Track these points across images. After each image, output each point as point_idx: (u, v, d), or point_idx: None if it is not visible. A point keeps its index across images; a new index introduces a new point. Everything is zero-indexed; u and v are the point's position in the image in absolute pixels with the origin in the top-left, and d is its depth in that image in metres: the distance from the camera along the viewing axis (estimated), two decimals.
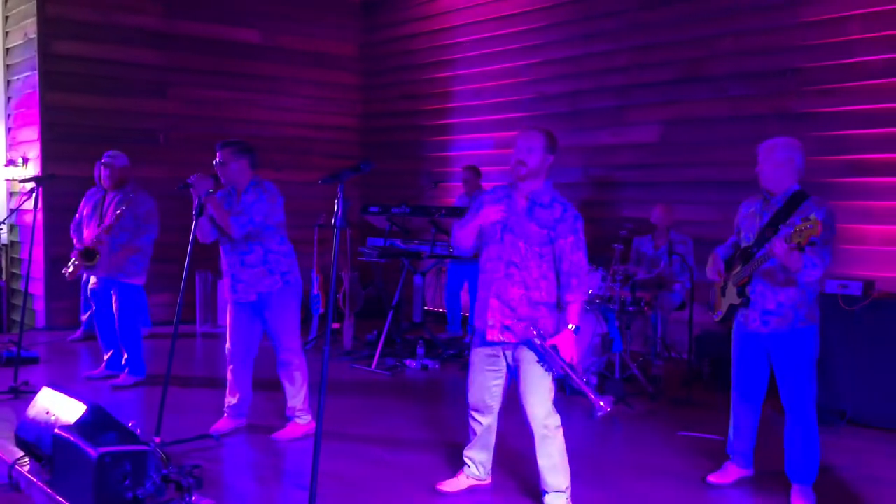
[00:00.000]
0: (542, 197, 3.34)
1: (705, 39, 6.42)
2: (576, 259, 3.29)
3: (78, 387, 5.40)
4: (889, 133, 5.45)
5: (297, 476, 3.89)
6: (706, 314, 5.97)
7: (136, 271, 5.51)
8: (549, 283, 3.33)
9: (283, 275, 4.38)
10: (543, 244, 3.29)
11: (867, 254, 5.48)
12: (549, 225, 3.29)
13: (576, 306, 3.30)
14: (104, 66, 7.82)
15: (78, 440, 3.20)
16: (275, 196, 4.34)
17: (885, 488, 3.83)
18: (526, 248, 3.29)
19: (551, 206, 3.33)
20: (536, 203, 3.33)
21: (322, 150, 9.15)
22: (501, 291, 3.32)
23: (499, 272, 3.33)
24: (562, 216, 3.30)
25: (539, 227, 3.29)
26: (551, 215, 3.30)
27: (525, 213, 3.32)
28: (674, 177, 6.66)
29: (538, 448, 3.39)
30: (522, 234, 3.30)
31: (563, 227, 3.29)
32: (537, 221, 3.30)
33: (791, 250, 3.20)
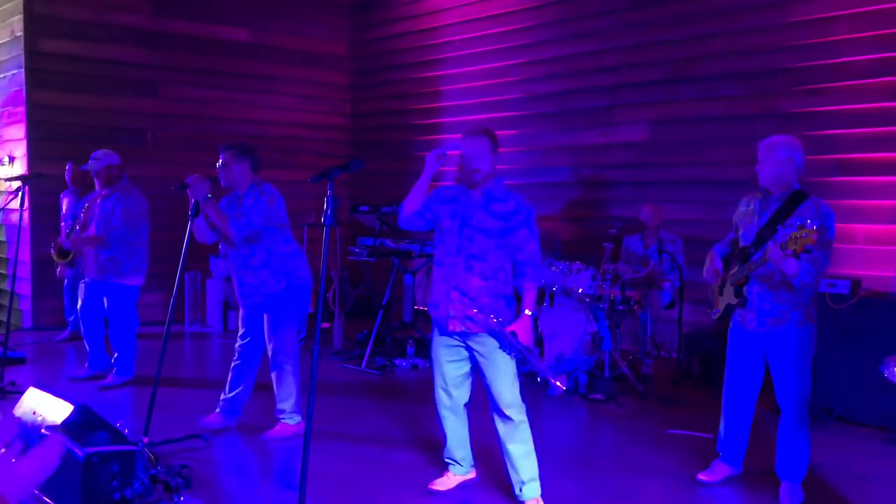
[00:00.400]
0: (495, 191, 3.46)
1: (694, 39, 6.45)
2: (530, 249, 3.41)
3: (65, 387, 5.37)
4: (876, 132, 5.49)
5: (287, 476, 3.88)
6: (695, 313, 6.02)
7: (129, 271, 5.44)
8: (507, 273, 3.44)
9: (287, 276, 4.37)
10: (500, 236, 3.39)
11: (855, 252, 5.51)
12: (505, 217, 3.39)
13: (532, 293, 3.42)
14: (92, 64, 7.77)
15: (65, 440, 3.17)
16: (274, 198, 4.33)
17: (872, 485, 3.86)
18: (484, 240, 3.39)
19: (505, 199, 3.44)
20: (491, 197, 3.44)
21: (312, 150, 9.13)
22: (462, 283, 3.41)
23: (458, 265, 3.43)
24: (516, 209, 3.41)
25: (495, 220, 3.40)
26: (506, 208, 3.41)
27: (481, 208, 3.42)
28: (663, 176, 6.68)
29: (508, 437, 3.46)
30: (480, 227, 3.40)
31: (518, 219, 3.40)
32: (493, 214, 3.40)
33: (786, 257, 3.22)
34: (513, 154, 7.76)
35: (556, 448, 4.50)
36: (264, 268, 4.32)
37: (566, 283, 5.69)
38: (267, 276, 4.33)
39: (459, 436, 3.67)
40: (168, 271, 5.74)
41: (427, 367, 6.23)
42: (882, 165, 5.47)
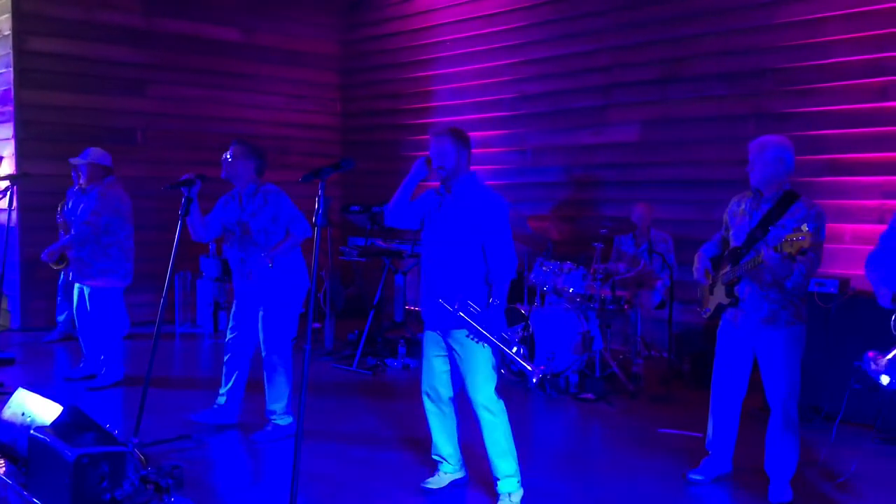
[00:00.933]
0: (467, 188, 3.53)
1: (685, 40, 6.47)
2: (500, 242, 3.46)
3: (54, 388, 5.33)
4: (865, 133, 5.52)
5: (279, 476, 3.87)
6: (686, 312, 6.04)
7: (98, 272, 5.36)
8: (478, 267, 3.50)
9: (286, 274, 4.39)
10: (472, 232, 3.46)
11: (843, 252, 5.54)
12: (475, 212, 3.46)
13: (500, 286, 3.47)
14: (81, 63, 7.72)
15: (54, 441, 3.15)
16: (279, 193, 4.46)
17: (860, 483, 3.88)
18: (457, 236, 3.47)
19: (476, 195, 3.51)
20: (462, 194, 3.52)
21: (302, 149, 9.10)
22: (439, 279, 3.52)
23: (435, 261, 3.54)
24: (485, 203, 3.48)
25: (466, 216, 3.47)
26: (476, 203, 3.48)
27: (454, 205, 3.51)
28: (654, 176, 6.70)
29: (484, 433, 3.50)
30: (453, 224, 3.48)
31: (487, 213, 3.46)
32: (464, 211, 3.48)
33: (782, 259, 3.24)
34: (504, 154, 7.77)
35: (547, 448, 4.51)
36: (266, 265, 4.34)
37: (557, 283, 5.70)
38: (268, 274, 4.35)
39: (445, 432, 3.70)
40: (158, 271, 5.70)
41: (418, 367, 6.22)
42: (871, 166, 5.51)
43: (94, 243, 5.32)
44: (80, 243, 5.30)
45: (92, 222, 5.27)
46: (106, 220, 5.32)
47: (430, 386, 3.67)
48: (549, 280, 5.75)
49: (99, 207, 5.30)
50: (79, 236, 5.29)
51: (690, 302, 4.22)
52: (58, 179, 6.73)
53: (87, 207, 5.30)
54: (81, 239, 5.29)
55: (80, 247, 5.32)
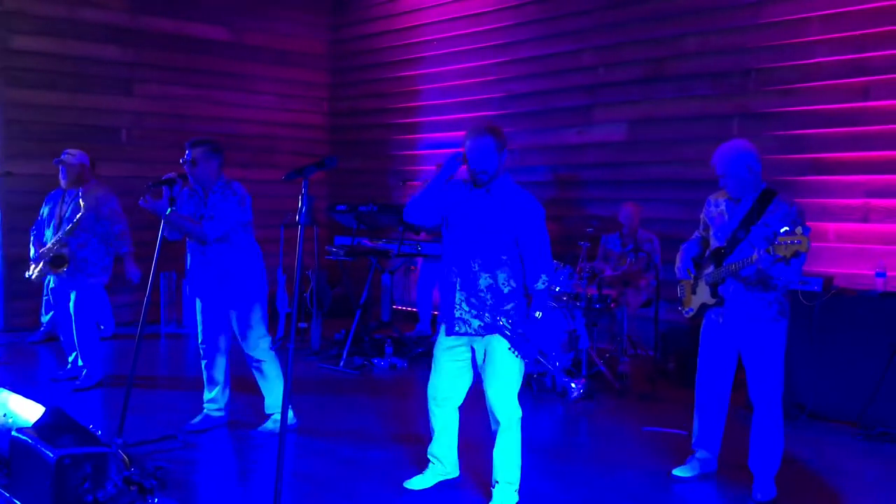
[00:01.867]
0: (503, 190, 3.39)
1: (669, 39, 6.50)
2: (538, 248, 3.34)
3: (37, 389, 5.29)
4: (847, 132, 5.57)
5: (264, 475, 3.86)
6: (672, 311, 6.06)
7: (96, 271, 5.38)
8: (515, 273, 3.37)
9: (251, 276, 4.37)
10: (508, 235, 3.33)
11: (826, 250, 5.59)
12: (512, 216, 3.33)
13: (541, 294, 3.35)
14: (66, 61, 7.66)
15: (36, 442, 3.13)
16: (244, 197, 4.35)
17: (844, 480, 3.91)
18: (491, 240, 3.33)
19: (512, 197, 3.37)
20: (499, 196, 3.37)
21: (289, 148, 9.08)
22: (468, 283, 3.36)
23: (465, 265, 3.37)
24: (523, 206, 3.35)
25: (502, 219, 3.33)
26: (513, 207, 3.34)
27: (488, 207, 3.36)
28: (640, 175, 6.73)
29: (498, 440, 3.44)
30: (487, 226, 3.34)
31: (525, 217, 3.33)
32: (500, 213, 3.34)
33: (776, 262, 3.25)
34: None
35: (533, 446, 4.51)
36: (231, 266, 4.32)
37: None
38: (233, 275, 4.32)
39: (446, 436, 3.64)
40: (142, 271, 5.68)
41: (405, 367, 6.23)
42: (853, 165, 5.55)
43: (87, 244, 5.31)
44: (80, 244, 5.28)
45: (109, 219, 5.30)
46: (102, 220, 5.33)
47: (439, 392, 3.55)
48: None
49: (114, 205, 5.34)
50: (97, 234, 5.30)
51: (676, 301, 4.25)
52: (43, 179, 6.67)
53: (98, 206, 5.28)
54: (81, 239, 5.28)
55: (85, 246, 5.30)
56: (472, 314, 3.35)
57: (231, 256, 4.32)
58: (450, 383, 3.53)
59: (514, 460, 3.44)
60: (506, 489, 3.45)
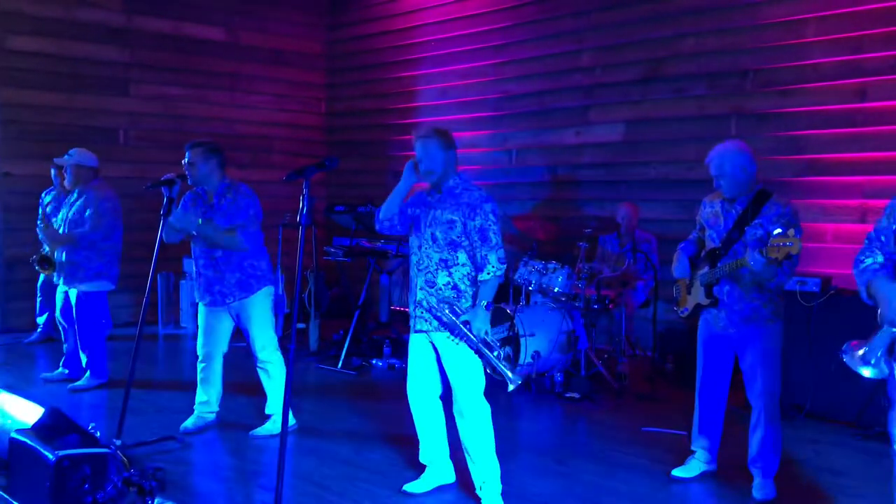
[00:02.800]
0: (455, 188, 3.47)
1: (666, 40, 6.51)
2: (487, 242, 3.39)
3: (35, 390, 5.28)
4: (844, 133, 5.58)
5: (264, 476, 3.85)
6: (670, 312, 6.05)
7: (93, 276, 5.31)
8: (469, 269, 3.45)
9: (259, 279, 4.38)
10: (458, 230, 3.41)
11: (824, 251, 5.60)
12: (462, 213, 3.40)
13: (487, 285, 3.41)
14: (63, 62, 7.64)
15: (35, 443, 3.12)
16: (255, 198, 4.38)
17: (843, 479, 3.92)
18: (443, 236, 3.42)
19: (461, 193, 3.45)
20: (450, 194, 3.46)
21: (286, 149, 9.07)
22: (426, 281, 3.47)
23: (422, 262, 3.48)
24: (470, 201, 3.41)
25: (451, 214, 3.41)
26: (462, 201, 3.42)
27: (441, 206, 3.46)
28: (637, 176, 6.74)
29: (462, 433, 3.47)
30: (440, 225, 3.43)
31: (473, 211, 3.39)
32: (450, 209, 3.42)
33: (769, 263, 3.26)
34: (488, 154, 7.77)
35: (533, 446, 4.52)
36: (239, 268, 4.33)
37: (542, 283, 5.72)
38: (240, 277, 4.32)
39: (432, 436, 3.66)
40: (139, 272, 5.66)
41: (403, 367, 6.21)
42: (850, 165, 5.57)
43: (91, 247, 5.26)
44: (83, 247, 5.24)
45: (96, 225, 5.22)
46: (108, 222, 5.28)
47: (415, 388, 3.63)
48: (534, 279, 5.76)
49: (102, 209, 5.25)
50: (85, 240, 5.22)
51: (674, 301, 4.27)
52: (41, 180, 6.66)
53: (87, 210, 5.24)
54: (84, 242, 5.23)
55: (81, 250, 5.25)
56: (433, 312, 3.43)
57: (239, 259, 4.32)
58: (423, 378, 3.60)
59: (487, 458, 3.46)
60: (488, 491, 3.46)
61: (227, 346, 4.54)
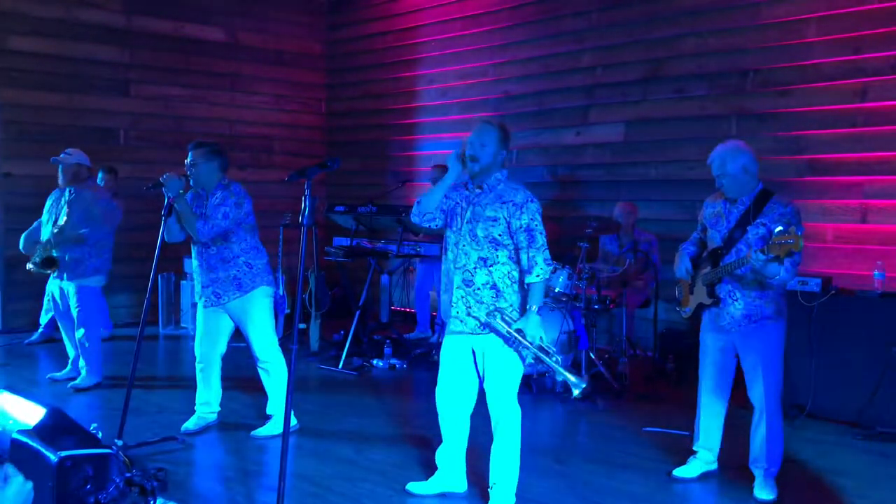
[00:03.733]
0: (499, 185, 3.38)
1: (667, 40, 6.51)
2: (533, 244, 3.31)
3: (37, 390, 5.28)
4: (845, 133, 5.58)
5: (266, 477, 3.85)
6: (670, 312, 6.07)
7: (91, 272, 5.35)
8: (512, 270, 3.36)
9: (254, 278, 4.37)
10: (502, 230, 3.32)
11: (824, 251, 5.60)
12: (508, 212, 3.32)
13: (536, 289, 3.30)
14: (63, 62, 7.65)
15: (37, 444, 3.12)
16: (243, 198, 4.34)
17: (844, 479, 3.92)
18: (484, 233, 3.33)
19: (509, 193, 3.35)
20: (495, 192, 3.37)
21: (286, 149, 9.08)
22: (466, 280, 3.36)
23: (459, 260, 3.38)
24: (516, 201, 3.32)
25: (496, 214, 3.32)
26: (509, 203, 3.33)
27: (485, 203, 3.36)
28: (638, 176, 6.74)
29: (495, 440, 3.41)
30: (483, 223, 3.33)
31: (519, 212, 3.31)
32: (496, 209, 3.33)
33: (770, 262, 3.26)
34: None
35: (533, 446, 4.51)
36: (231, 268, 4.33)
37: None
38: (233, 277, 4.33)
39: (456, 441, 3.56)
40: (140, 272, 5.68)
41: (404, 368, 6.23)
42: (851, 165, 5.57)
43: (91, 245, 5.30)
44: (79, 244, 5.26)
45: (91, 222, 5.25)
46: (110, 220, 5.35)
47: (448, 392, 3.49)
48: None
49: (103, 208, 5.31)
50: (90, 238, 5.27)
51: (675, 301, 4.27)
52: (41, 180, 6.65)
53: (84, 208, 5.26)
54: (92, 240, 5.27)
55: (79, 247, 5.28)
56: (470, 313, 3.35)
57: (233, 259, 4.32)
58: (458, 386, 3.48)
59: (512, 462, 3.41)
60: (504, 491, 3.42)
61: (225, 346, 4.54)
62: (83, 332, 5.37)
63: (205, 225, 4.21)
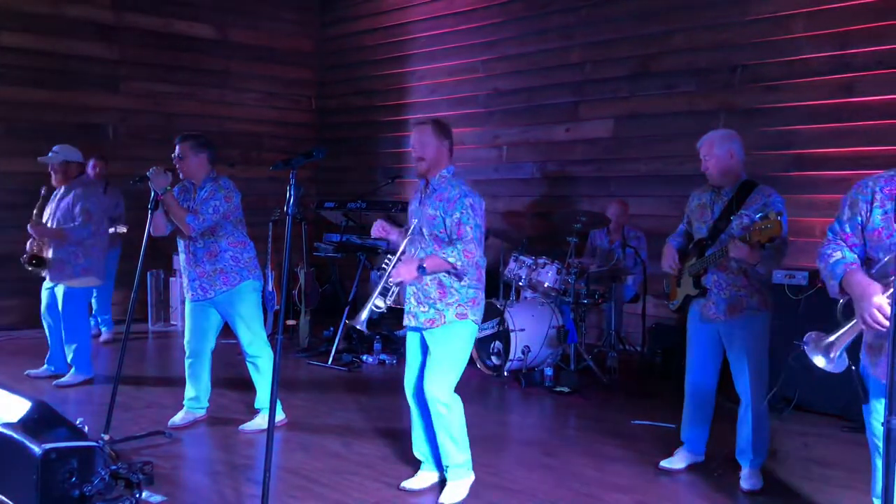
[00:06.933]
0: (440, 182, 3.43)
1: (656, 36, 6.53)
2: (461, 232, 3.29)
3: (22, 386, 5.25)
4: (832, 128, 5.61)
5: (253, 470, 3.84)
6: (659, 307, 6.09)
7: (80, 273, 5.30)
8: None
9: (240, 272, 4.36)
10: (440, 227, 3.37)
11: (812, 245, 5.60)
12: (442, 206, 3.36)
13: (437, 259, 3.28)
14: (52, 58, 7.61)
15: (21, 437, 3.10)
16: (231, 193, 4.33)
17: (830, 471, 3.94)
18: (429, 231, 3.39)
19: (446, 188, 3.40)
20: (436, 188, 3.42)
21: (277, 146, 9.06)
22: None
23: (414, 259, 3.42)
24: (451, 196, 3.35)
25: (433, 211, 3.38)
26: (445, 197, 3.37)
27: (428, 200, 3.42)
28: (627, 171, 6.76)
29: (436, 426, 3.43)
30: (425, 219, 3.40)
31: (452, 206, 3.33)
32: (433, 205, 3.39)
33: (752, 249, 3.28)
34: (479, 150, 7.78)
35: (522, 439, 4.53)
36: (218, 262, 4.31)
37: (532, 278, 5.73)
38: (220, 271, 4.32)
39: (426, 433, 3.61)
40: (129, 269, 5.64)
41: (394, 364, 6.22)
42: (838, 160, 5.59)
43: (80, 243, 5.24)
44: (71, 243, 5.22)
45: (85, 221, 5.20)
46: (97, 218, 5.27)
47: (412, 385, 3.57)
48: (524, 274, 5.77)
49: (91, 206, 5.25)
50: (76, 236, 5.20)
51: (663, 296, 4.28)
52: (30, 177, 6.62)
53: (76, 206, 5.22)
54: (73, 239, 5.21)
55: (69, 246, 5.23)
56: (420, 307, 3.41)
57: (220, 253, 4.31)
58: (415, 375, 3.56)
59: (462, 443, 3.44)
60: (453, 472, 3.46)
61: (214, 341, 4.54)
62: (70, 334, 5.34)
63: (195, 219, 4.20)
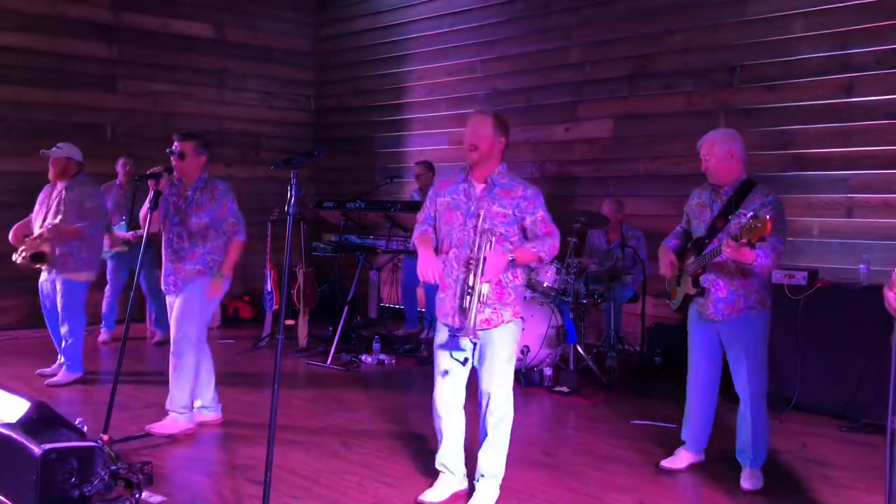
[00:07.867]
0: (499, 178, 3.32)
1: (655, 36, 6.53)
2: (547, 229, 3.29)
3: (22, 385, 5.24)
4: (830, 128, 5.61)
5: (253, 470, 3.83)
6: (658, 306, 6.10)
7: (81, 267, 5.32)
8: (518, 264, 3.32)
9: (212, 271, 4.34)
10: (508, 224, 3.27)
11: (811, 245, 5.64)
12: (515, 205, 3.27)
13: (533, 252, 3.23)
14: (49, 58, 7.59)
15: (21, 437, 3.09)
16: (231, 193, 4.37)
17: (829, 470, 3.95)
18: (490, 229, 3.22)
19: (511, 185, 3.31)
20: (496, 185, 3.31)
21: (275, 146, 9.05)
22: (466, 277, 3.25)
23: (462, 257, 3.28)
24: (527, 195, 3.28)
25: (502, 208, 3.26)
26: (518, 195, 3.28)
27: (486, 196, 3.29)
28: (626, 171, 6.76)
29: (493, 432, 3.36)
30: (489, 217, 3.25)
31: (532, 205, 3.27)
32: (499, 202, 3.27)
33: (741, 247, 3.28)
34: None
35: (522, 439, 4.52)
36: (197, 263, 4.30)
37: (531, 278, 5.72)
38: (199, 272, 4.31)
39: (455, 442, 3.49)
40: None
41: (393, 363, 6.22)
42: (836, 160, 5.60)
43: (81, 239, 5.27)
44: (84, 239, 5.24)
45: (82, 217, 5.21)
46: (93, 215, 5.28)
47: (443, 387, 3.40)
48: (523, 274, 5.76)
49: (88, 203, 5.27)
50: (90, 233, 5.24)
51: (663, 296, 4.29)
52: (27, 176, 6.61)
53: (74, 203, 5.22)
54: (91, 235, 5.25)
55: (66, 242, 5.23)
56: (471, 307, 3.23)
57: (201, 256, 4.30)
58: (452, 380, 3.40)
59: (496, 454, 3.39)
60: (485, 484, 3.40)
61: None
62: (67, 327, 5.34)
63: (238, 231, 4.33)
